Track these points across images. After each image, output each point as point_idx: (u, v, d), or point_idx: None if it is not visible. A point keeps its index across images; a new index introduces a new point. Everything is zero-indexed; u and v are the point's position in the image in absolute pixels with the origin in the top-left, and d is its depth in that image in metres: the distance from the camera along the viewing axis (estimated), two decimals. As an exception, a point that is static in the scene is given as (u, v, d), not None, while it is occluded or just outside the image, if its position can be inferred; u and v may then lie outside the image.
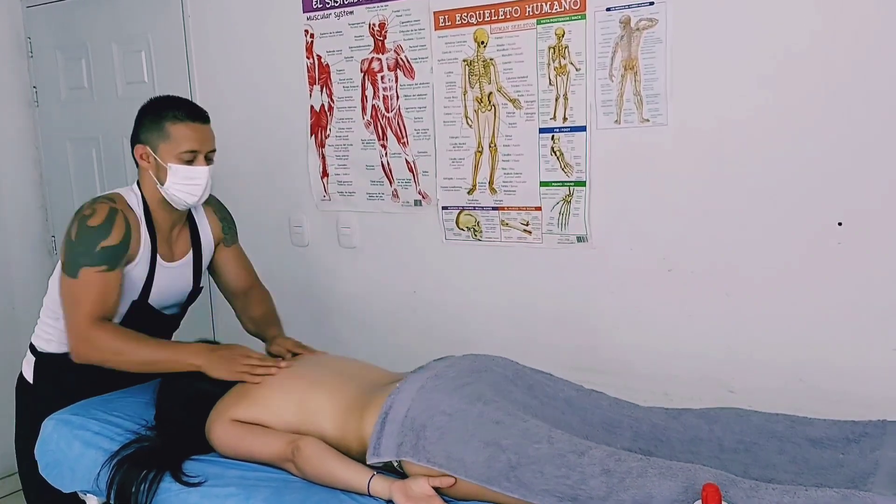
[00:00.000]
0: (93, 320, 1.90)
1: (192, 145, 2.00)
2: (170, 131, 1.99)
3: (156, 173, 2.02)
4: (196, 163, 2.01)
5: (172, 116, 1.99)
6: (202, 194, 2.04)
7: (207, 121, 2.06)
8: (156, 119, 2.00)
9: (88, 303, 1.91)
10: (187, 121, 2.00)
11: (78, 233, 1.93)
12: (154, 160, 2.01)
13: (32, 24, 3.52)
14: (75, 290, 1.92)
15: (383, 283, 2.80)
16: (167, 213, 2.08)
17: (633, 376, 2.32)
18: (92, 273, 1.91)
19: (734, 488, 1.38)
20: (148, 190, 2.05)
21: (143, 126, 2.03)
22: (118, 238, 1.94)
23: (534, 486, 1.49)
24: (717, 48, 2.11)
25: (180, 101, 2.06)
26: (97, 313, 1.91)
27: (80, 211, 1.98)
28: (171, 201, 2.04)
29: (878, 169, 1.98)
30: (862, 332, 2.05)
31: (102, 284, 1.92)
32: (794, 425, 1.67)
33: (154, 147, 2.00)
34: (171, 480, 1.74)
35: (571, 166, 2.35)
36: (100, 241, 1.92)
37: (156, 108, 2.03)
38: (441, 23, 2.49)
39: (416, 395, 1.69)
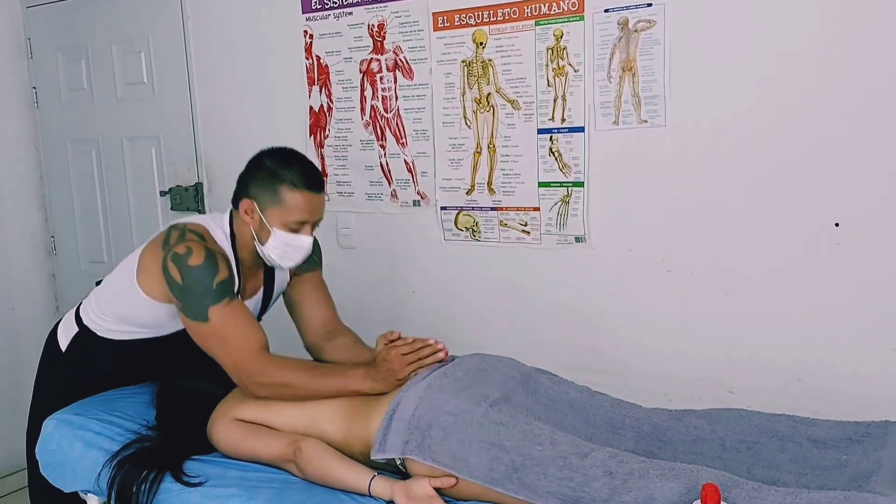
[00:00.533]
0: (250, 354, 1.81)
1: (304, 216, 1.89)
2: (284, 197, 1.87)
3: (257, 231, 1.91)
4: (302, 231, 1.91)
5: (290, 182, 1.86)
6: (300, 262, 1.96)
7: (323, 189, 1.94)
8: (271, 179, 1.88)
9: (240, 339, 1.81)
10: (304, 190, 1.87)
11: (184, 275, 1.80)
12: (259, 218, 1.89)
13: (32, 25, 3.52)
14: (215, 332, 1.82)
15: (382, 284, 2.80)
16: (253, 261, 1.99)
17: (633, 376, 2.33)
18: (220, 310, 1.81)
19: (736, 489, 1.38)
20: (242, 236, 1.95)
21: (254, 180, 1.91)
22: (226, 272, 1.84)
23: (537, 488, 1.50)
24: (715, 49, 2.11)
25: (300, 162, 1.92)
26: (252, 345, 1.82)
27: (168, 246, 1.84)
28: (265, 260, 1.95)
29: (875, 170, 1.99)
30: (861, 332, 2.06)
31: (237, 315, 1.83)
32: (797, 425, 1.67)
33: (262, 206, 1.89)
34: (172, 481, 1.74)
35: (570, 167, 2.36)
36: (213, 278, 1.81)
37: (273, 166, 1.90)
38: (440, 24, 2.50)
39: (424, 394, 1.69)
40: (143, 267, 1.91)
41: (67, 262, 3.63)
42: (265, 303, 2.12)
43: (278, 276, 2.11)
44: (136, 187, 3.34)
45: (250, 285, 2.05)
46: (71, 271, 3.61)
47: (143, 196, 3.32)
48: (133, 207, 3.36)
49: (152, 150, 3.25)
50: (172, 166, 3.21)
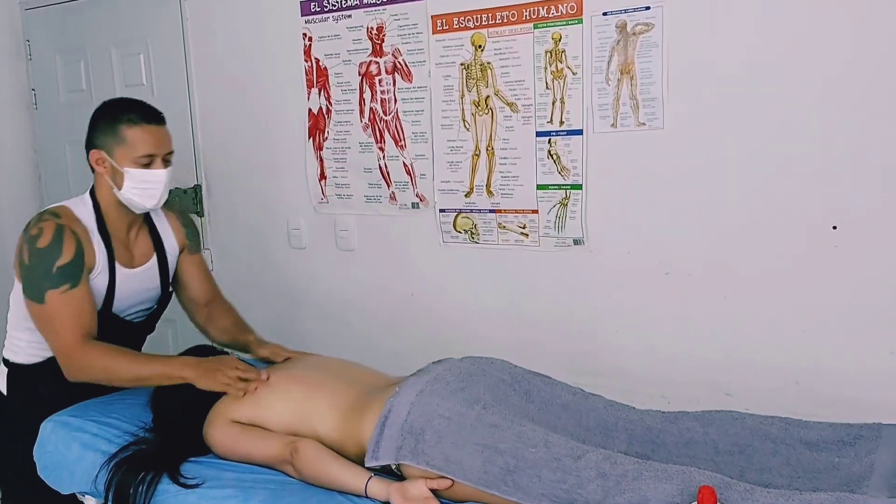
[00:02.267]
0: (75, 342, 1.87)
1: (149, 149, 1.94)
2: (125, 135, 1.93)
3: (112, 178, 1.96)
4: (153, 166, 1.96)
5: (127, 120, 1.93)
6: (160, 197, 1.99)
7: (163, 122, 2.00)
8: (110, 123, 1.94)
9: (65, 325, 1.87)
10: (143, 123, 1.94)
11: (30, 256, 1.88)
12: (110, 165, 1.95)
13: (31, 27, 3.52)
14: (47, 314, 1.88)
15: (381, 286, 2.80)
16: (122, 217, 2.03)
17: (631, 379, 2.33)
18: (57, 295, 1.86)
19: (729, 491, 1.39)
20: (103, 195, 2.00)
21: (97, 130, 1.97)
22: (71, 254, 1.89)
23: (531, 490, 1.50)
24: (713, 52, 2.12)
25: (135, 103, 1.99)
26: (77, 333, 1.87)
27: (27, 230, 1.92)
28: (129, 205, 1.99)
29: (872, 173, 1.99)
30: (858, 335, 2.06)
31: (71, 303, 1.88)
32: (789, 427, 1.67)
33: (109, 151, 1.95)
34: (169, 482, 1.74)
35: (568, 169, 2.36)
36: (54, 262, 1.86)
37: (110, 111, 1.96)
38: (439, 27, 2.50)
39: (416, 399, 1.69)
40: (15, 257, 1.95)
41: (66, 263, 3.62)
42: (163, 269, 2.15)
43: (166, 241, 2.16)
44: (134, 189, 3.33)
45: (139, 253, 2.09)
46: (69, 273, 3.60)
47: (141, 198, 3.31)
48: (132, 209, 3.35)
49: (151, 152, 3.25)
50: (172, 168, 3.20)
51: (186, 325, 2.34)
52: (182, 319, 2.34)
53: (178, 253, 2.21)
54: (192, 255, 2.24)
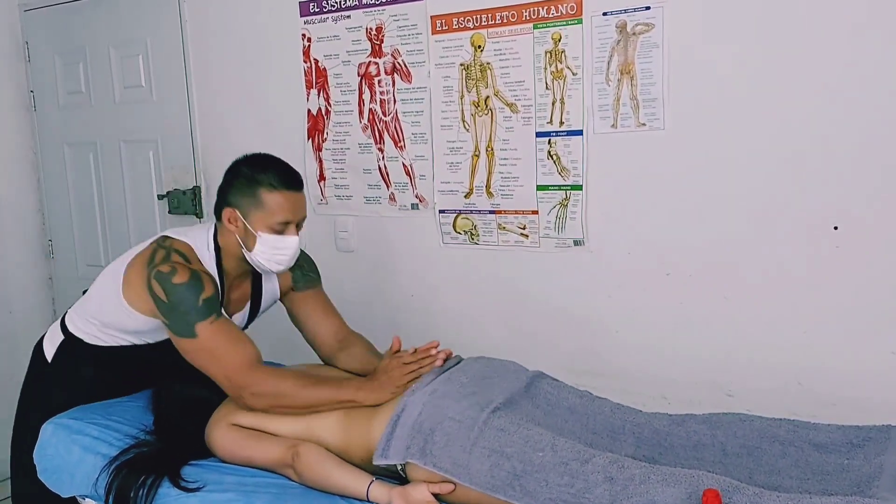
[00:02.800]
0: (241, 369, 1.81)
1: (287, 216, 1.90)
2: (264, 200, 1.88)
3: (243, 238, 1.92)
4: (287, 232, 1.91)
5: (268, 184, 1.88)
6: (290, 263, 1.96)
7: (302, 187, 1.94)
8: (249, 184, 1.89)
9: (226, 353, 1.82)
10: (283, 189, 1.89)
11: (168, 294, 1.81)
12: (243, 225, 1.91)
13: (30, 29, 3.52)
14: (203, 348, 1.82)
15: (380, 287, 2.80)
16: (238, 269, 2.00)
17: (632, 380, 2.32)
18: (208, 326, 1.81)
19: (738, 494, 1.38)
20: (227, 246, 1.96)
21: (233, 188, 1.92)
22: (212, 289, 1.85)
23: (538, 495, 1.50)
24: (714, 52, 2.11)
25: (276, 164, 1.94)
26: (241, 359, 1.82)
27: (152, 265, 1.85)
28: (255, 266, 1.96)
29: (874, 173, 1.98)
30: (859, 335, 2.05)
31: (226, 331, 1.84)
32: (798, 430, 1.67)
33: (245, 213, 1.90)
34: (170, 486, 1.74)
35: (568, 170, 2.36)
36: (199, 295, 1.81)
37: (250, 171, 1.92)
38: (438, 27, 2.50)
39: (428, 399, 1.69)
40: (127, 281, 1.91)
41: (65, 265, 3.63)
42: (252, 314, 2.13)
43: (266, 287, 2.12)
44: (133, 191, 3.34)
45: (235, 296, 2.05)
46: (68, 275, 3.61)
47: (140, 200, 3.31)
48: (131, 211, 3.35)
49: (150, 153, 3.25)
50: (170, 170, 3.21)
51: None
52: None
53: (279, 296, 2.16)
54: (302, 293, 2.17)
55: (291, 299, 2.18)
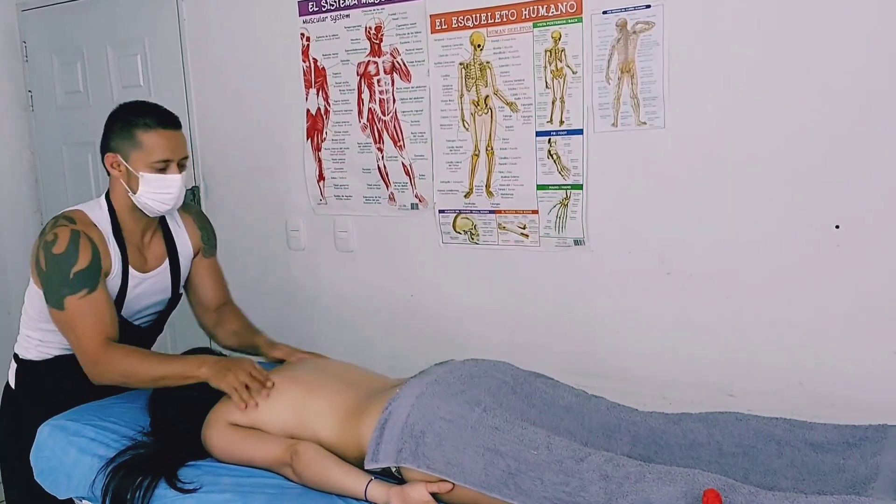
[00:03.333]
0: (96, 345, 1.87)
1: (165, 154, 1.93)
2: (141, 140, 1.92)
3: (127, 182, 1.96)
4: (169, 171, 1.95)
5: (143, 124, 1.92)
6: (175, 202, 1.99)
7: (179, 127, 1.99)
8: (126, 127, 1.94)
9: (86, 330, 1.88)
10: (159, 128, 1.93)
11: (47, 263, 1.89)
12: (125, 169, 1.95)
13: (28, 28, 3.51)
14: (68, 320, 1.89)
15: (380, 287, 2.79)
16: (137, 221, 2.03)
17: (632, 380, 2.31)
18: (76, 301, 1.87)
19: (734, 493, 1.37)
20: (118, 198, 2.00)
21: (112, 133, 1.96)
22: (87, 259, 1.89)
23: (533, 493, 1.49)
24: (714, 51, 2.11)
25: (151, 107, 1.98)
26: (99, 337, 1.88)
27: (42, 235, 1.93)
28: (144, 209, 1.99)
29: (875, 172, 1.98)
30: (861, 335, 2.05)
31: (91, 308, 1.88)
32: (794, 429, 1.66)
33: (125, 156, 1.94)
34: (167, 487, 1.73)
35: (568, 169, 2.35)
36: (71, 268, 1.87)
37: (126, 115, 1.96)
38: (437, 26, 2.49)
39: (416, 402, 1.68)
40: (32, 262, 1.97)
41: (63, 266, 3.61)
42: (175, 273, 2.14)
43: (180, 245, 2.15)
44: (132, 191, 3.32)
45: (152, 257, 2.08)
46: (67, 275, 3.59)
47: (139, 199, 3.30)
48: (129, 211, 3.34)
49: (149, 153, 3.24)
50: (169, 170, 3.19)
51: (185, 328, 2.32)
52: (180, 322, 2.32)
53: (193, 256, 2.20)
54: (206, 259, 2.23)
55: (196, 262, 2.23)
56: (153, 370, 1.89)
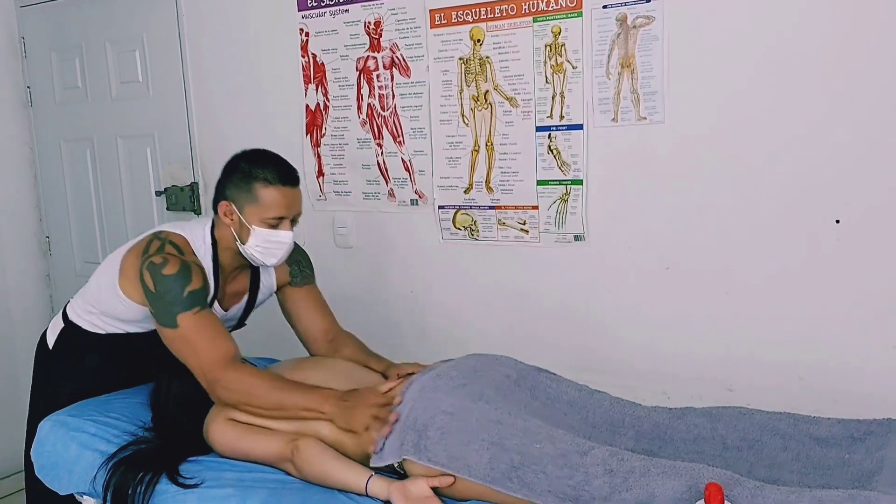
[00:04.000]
0: (217, 363, 1.82)
1: (281, 212, 1.92)
2: (259, 195, 1.90)
3: (238, 232, 1.95)
4: (281, 226, 1.93)
5: (264, 179, 1.90)
6: (283, 257, 1.98)
7: (298, 183, 1.96)
8: (245, 179, 1.92)
9: (204, 346, 1.83)
10: (278, 185, 1.91)
11: (156, 283, 1.85)
12: (238, 219, 1.93)
13: (26, 25, 3.50)
14: (182, 338, 1.85)
15: (380, 283, 2.79)
16: (235, 263, 2.02)
17: (632, 375, 2.31)
18: (189, 317, 1.84)
19: (738, 487, 1.37)
20: (224, 241, 1.99)
21: (230, 182, 1.95)
22: (199, 282, 1.87)
23: (536, 487, 1.49)
24: (715, 45, 2.10)
25: (273, 160, 1.96)
26: (218, 354, 1.84)
27: (146, 255, 1.89)
28: (250, 260, 1.98)
29: (876, 166, 1.97)
30: (861, 329, 2.05)
31: (207, 325, 1.86)
32: (798, 423, 1.66)
33: (240, 207, 1.93)
34: (168, 482, 1.73)
35: (568, 165, 2.35)
36: (185, 287, 1.84)
37: (247, 166, 1.94)
38: (437, 21, 2.48)
39: (418, 395, 1.68)
40: (123, 271, 1.95)
41: (62, 262, 3.61)
42: (248, 307, 2.15)
43: (264, 280, 2.14)
44: (131, 187, 3.32)
45: (231, 289, 2.07)
46: (66, 272, 3.59)
47: (138, 196, 3.30)
48: (128, 207, 3.34)
49: (147, 149, 3.24)
50: (168, 166, 3.19)
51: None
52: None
53: (276, 290, 2.18)
54: (299, 287, 2.20)
55: (286, 294, 2.20)
56: (276, 397, 1.81)
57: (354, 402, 1.77)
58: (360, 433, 1.72)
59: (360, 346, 2.22)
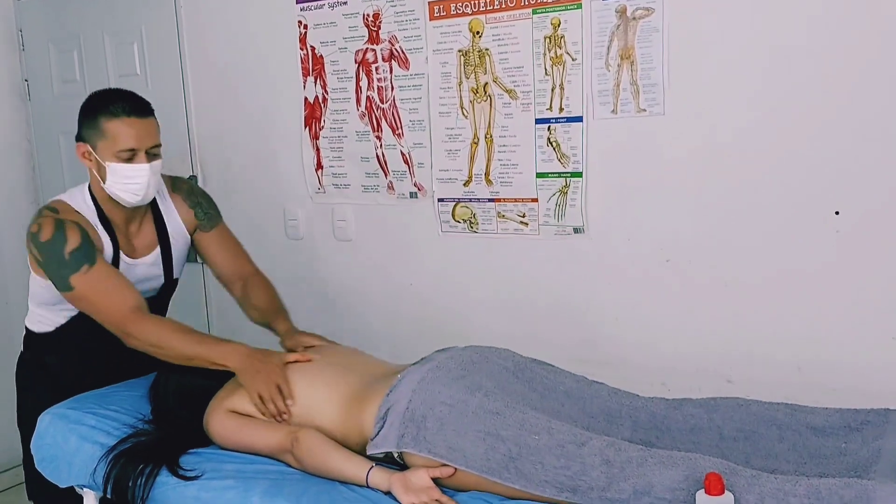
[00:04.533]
0: (123, 315, 1.86)
1: (130, 143, 1.89)
2: (106, 128, 1.89)
3: (98, 172, 1.93)
4: (136, 160, 1.90)
5: (108, 112, 1.88)
6: (144, 193, 1.95)
7: (146, 114, 1.94)
8: (93, 115, 1.91)
9: (105, 302, 1.87)
10: (123, 116, 1.89)
11: (40, 252, 1.89)
12: (95, 159, 1.92)
13: (24, 17, 3.49)
14: (82, 297, 1.88)
15: (379, 277, 2.78)
16: (119, 210, 2.00)
17: (631, 367, 2.32)
18: (81, 277, 1.86)
19: (735, 476, 1.38)
20: (97, 188, 1.98)
21: (83, 123, 1.94)
22: (77, 240, 1.87)
23: (534, 477, 1.50)
24: (714, 37, 2.10)
25: (118, 94, 1.95)
26: (122, 306, 1.86)
27: (29, 231, 1.92)
28: (116, 199, 1.96)
29: (876, 158, 1.97)
30: (861, 321, 2.05)
31: (100, 280, 1.88)
32: (795, 413, 1.66)
33: (93, 145, 1.92)
34: (169, 474, 1.73)
35: (568, 157, 2.34)
36: (63, 249, 1.86)
37: (94, 103, 1.93)
38: (436, 13, 2.48)
39: (417, 387, 1.68)
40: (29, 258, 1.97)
41: (61, 256, 3.60)
42: (167, 257, 2.12)
43: (170, 227, 2.13)
44: (129, 180, 3.31)
45: (139, 243, 2.07)
46: (65, 265, 3.58)
47: (136, 189, 3.29)
48: (127, 200, 3.33)
49: (146, 142, 3.23)
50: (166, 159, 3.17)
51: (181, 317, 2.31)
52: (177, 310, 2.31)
53: (190, 235, 2.18)
54: (208, 232, 2.19)
55: (198, 240, 2.20)
56: (183, 347, 1.86)
57: (262, 364, 1.81)
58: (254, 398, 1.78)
59: (270, 297, 2.21)
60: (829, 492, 1.32)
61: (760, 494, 1.34)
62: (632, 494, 1.41)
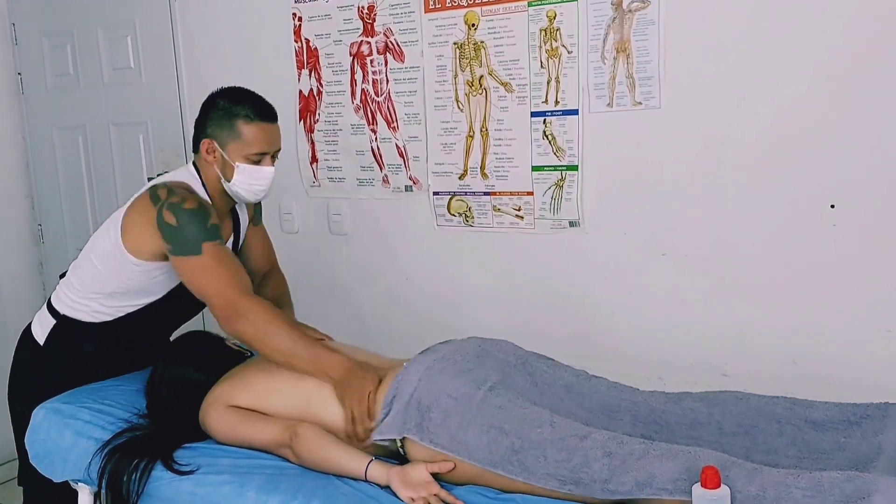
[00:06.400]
0: (239, 292, 1.85)
1: (263, 147, 1.96)
2: (242, 131, 1.94)
3: (221, 169, 1.98)
4: (263, 163, 1.98)
5: (245, 116, 1.94)
6: (266, 193, 2.03)
7: (276, 119, 2.01)
8: (226, 116, 1.95)
9: (226, 275, 1.86)
10: (258, 121, 1.96)
11: (178, 217, 1.87)
12: (220, 156, 1.97)
13: (17, 10, 3.47)
14: (205, 265, 1.86)
15: (375, 270, 2.78)
16: (224, 202, 2.06)
17: (627, 361, 2.32)
18: (214, 247, 1.87)
19: (736, 469, 1.38)
20: (210, 181, 2.02)
21: (210, 120, 1.98)
22: (216, 219, 1.93)
23: (536, 470, 1.50)
24: (710, 30, 2.10)
25: (249, 97, 2.00)
26: (240, 284, 1.87)
27: (162, 199, 1.89)
28: (234, 197, 2.03)
29: (871, 151, 1.97)
30: (856, 314, 2.05)
31: (228, 257, 1.91)
32: (794, 407, 1.66)
33: (222, 144, 1.96)
34: (164, 469, 1.73)
35: (564, 150, 2.34)
36: (207, 220, 1.89)
37: (227, 103, 1.97)
38: (431, 5, 2.47)
39: (423, 376, 1.69)
40: (128, 230, 1.94)
41: (55, 250, 3.59)
42: (234, 248, 2.18)
43: (241, 221, 2.19)
44: (123, 173, 3.31)
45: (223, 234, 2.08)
46: (58, 260, 3.57)
47: (130, 182, 3.26)
48: (121, 194, 3.31)
49: (140, 135, 3.22)
50: (160, 152, 3.17)
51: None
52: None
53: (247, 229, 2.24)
54: (255, 227, 2.28)
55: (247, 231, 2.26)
56: (288, 341, 1.82)
57: (357, 380, 1.78)
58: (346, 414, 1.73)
59: (280, 291, 2.26)
60: (830, 485, 1.32)
61: (762, 486, 1.34)
62: (633, 486, 1.41)
